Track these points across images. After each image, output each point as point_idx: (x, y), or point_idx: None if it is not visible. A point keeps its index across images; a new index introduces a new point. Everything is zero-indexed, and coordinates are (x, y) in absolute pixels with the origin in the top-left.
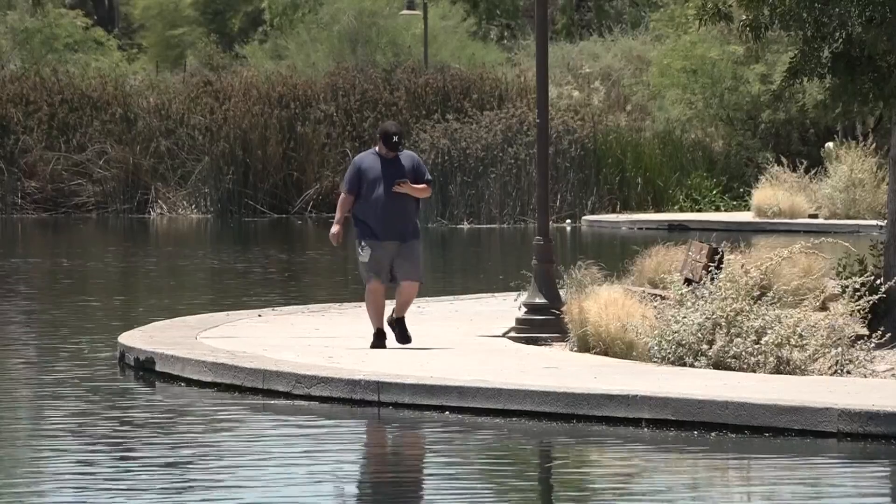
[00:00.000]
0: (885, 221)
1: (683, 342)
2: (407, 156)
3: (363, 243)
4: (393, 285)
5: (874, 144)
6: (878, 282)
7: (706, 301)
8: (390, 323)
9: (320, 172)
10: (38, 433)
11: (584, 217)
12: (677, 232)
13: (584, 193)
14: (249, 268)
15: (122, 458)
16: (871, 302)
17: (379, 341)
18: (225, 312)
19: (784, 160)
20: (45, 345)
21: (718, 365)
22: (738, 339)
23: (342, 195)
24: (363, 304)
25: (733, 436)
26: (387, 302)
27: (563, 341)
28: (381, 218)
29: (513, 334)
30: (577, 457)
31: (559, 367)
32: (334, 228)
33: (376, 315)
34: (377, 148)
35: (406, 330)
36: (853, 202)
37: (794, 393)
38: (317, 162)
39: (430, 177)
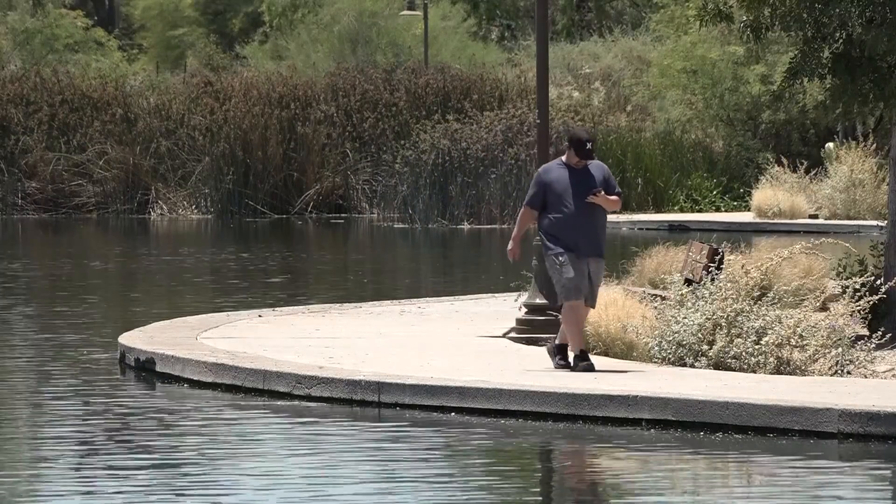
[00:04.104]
0: (886, 222)
1: (684, 343)
2: (596, 166)
3: (562, 258)
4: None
5: (874, 145)
6: (878, 282)
7: (706, 301)
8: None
9: (320, 173)
10: (38, 433)
11: None
12: (677, 232)
13: None
14: (250, 268)
15: (122, 459)
16: (871, 302)
17: (586, 363)
18: (225, 313)
19: (784, 160)
20: (46, 345)
21: (719, 365)
22: (739, 340)
23: (524, 208)
24: (363, 305)
25: (735, 436)
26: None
27: None
28: (576, 232)
29: (513, 335)
30: (578, 457)
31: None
32: (512, 245)
33: (578, 334)
34: (564, 158)
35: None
36: (853, 203)
37: (795, 393)
38: (317, 162)
39: (619, 189)
